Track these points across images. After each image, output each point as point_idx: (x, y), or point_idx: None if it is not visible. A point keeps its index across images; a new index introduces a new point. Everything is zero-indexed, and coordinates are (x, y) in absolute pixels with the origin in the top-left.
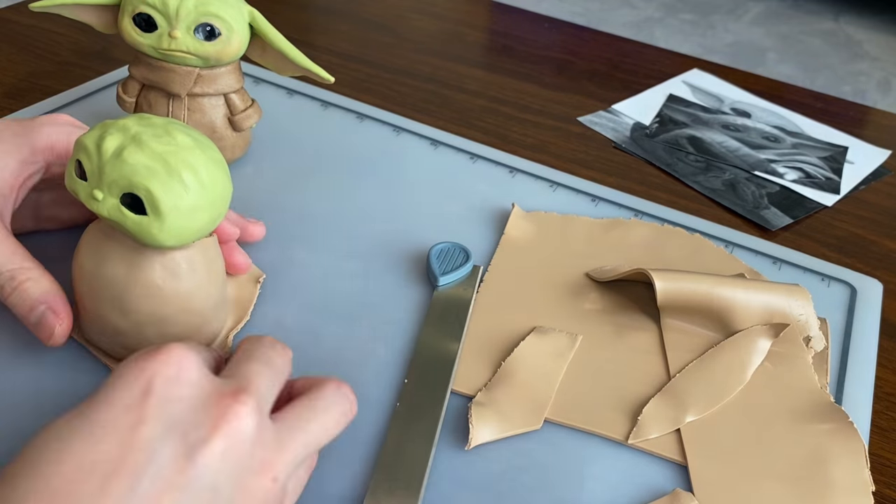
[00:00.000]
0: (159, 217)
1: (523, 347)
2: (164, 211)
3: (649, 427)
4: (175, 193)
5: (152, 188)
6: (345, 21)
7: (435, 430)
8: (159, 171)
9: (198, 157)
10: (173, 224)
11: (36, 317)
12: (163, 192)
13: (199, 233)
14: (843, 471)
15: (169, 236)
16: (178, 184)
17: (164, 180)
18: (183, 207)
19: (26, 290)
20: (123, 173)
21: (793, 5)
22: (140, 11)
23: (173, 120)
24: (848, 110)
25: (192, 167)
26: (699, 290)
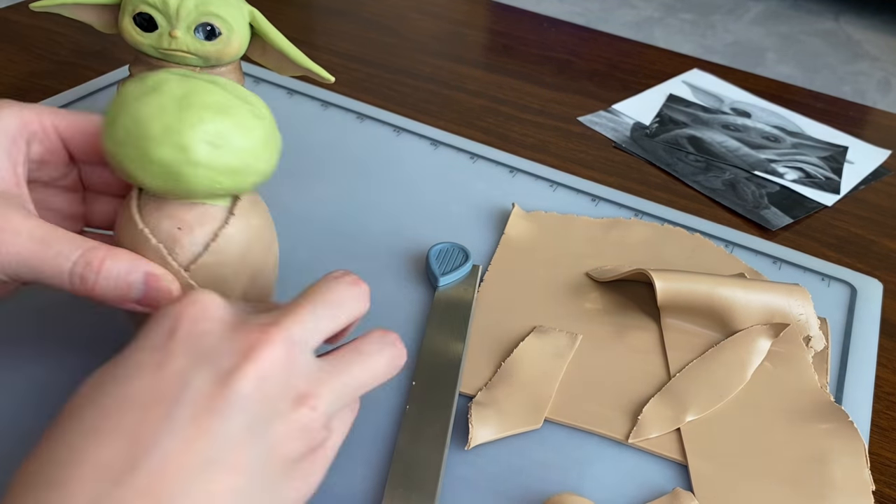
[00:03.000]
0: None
1: (523, 347)
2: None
3: (649, 426)
4: (240, 18)
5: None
6: (345, 21)
7: (446, 433)
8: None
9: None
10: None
11: (139, 290)
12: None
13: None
14: (843, 470)
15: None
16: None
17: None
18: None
19: (111, 269)
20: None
21: (793, 5)
22: (140, 11)
23: None
24: (848, 110)
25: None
26: (699, 290)
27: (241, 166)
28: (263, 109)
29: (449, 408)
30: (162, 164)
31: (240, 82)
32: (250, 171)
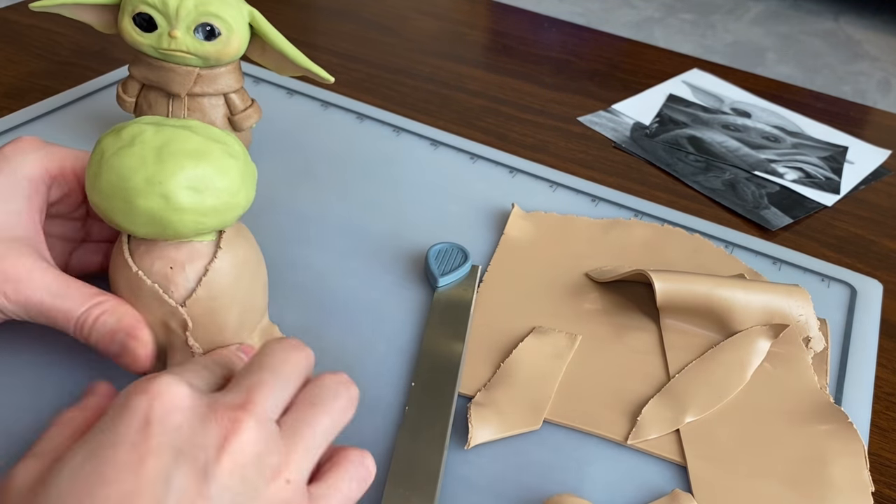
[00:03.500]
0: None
1: (523, 348)
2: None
3: (648, 427)
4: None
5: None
6: (345, 21)
7: (445, 434)
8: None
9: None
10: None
11: (117, 346)
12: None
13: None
14: (843, 471)
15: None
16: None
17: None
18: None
19: (104, 324)
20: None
21: (793, 5)
22: (140, 11)
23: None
24: (848, 110)
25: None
26: (699, 291)
27: (222, 205)
28: (236, 146)
29: (448, 408)
30: (148, 214)
31: (239, 82)
32: (231, 207)
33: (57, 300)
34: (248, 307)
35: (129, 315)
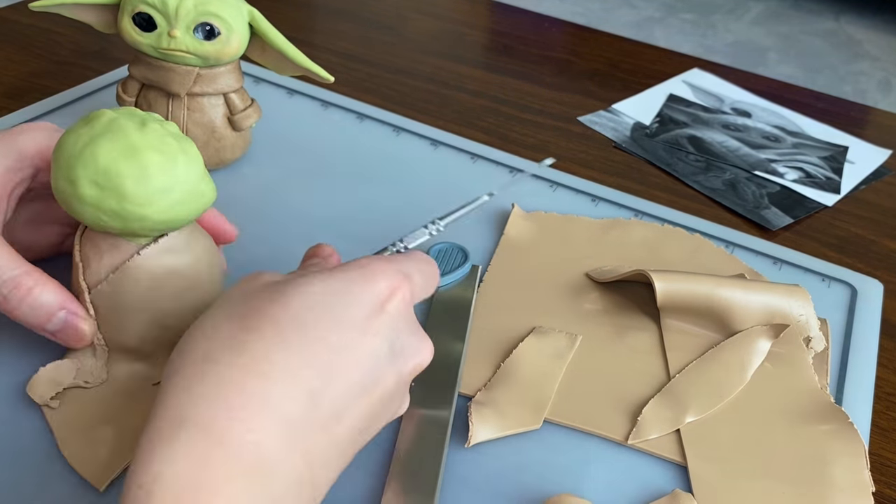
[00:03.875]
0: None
1: (523, 348)
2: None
3: (649, 427)
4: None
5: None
6: (345, 21)
7: (445, 434)
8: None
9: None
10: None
11: (57, 323)
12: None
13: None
14: (843, 471)
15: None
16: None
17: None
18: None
19: (37, 298)
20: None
21: (793, 5)
22: (139, 11)
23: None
24: (848, 110)
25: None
26: (699, 291)
27: (123, 211)
28: (175, 160)
29: (448, 408)
30: (59, 193)
31: (239, 82)
32: (134, 216)
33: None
34: (162, 324)
35: (64, 292)
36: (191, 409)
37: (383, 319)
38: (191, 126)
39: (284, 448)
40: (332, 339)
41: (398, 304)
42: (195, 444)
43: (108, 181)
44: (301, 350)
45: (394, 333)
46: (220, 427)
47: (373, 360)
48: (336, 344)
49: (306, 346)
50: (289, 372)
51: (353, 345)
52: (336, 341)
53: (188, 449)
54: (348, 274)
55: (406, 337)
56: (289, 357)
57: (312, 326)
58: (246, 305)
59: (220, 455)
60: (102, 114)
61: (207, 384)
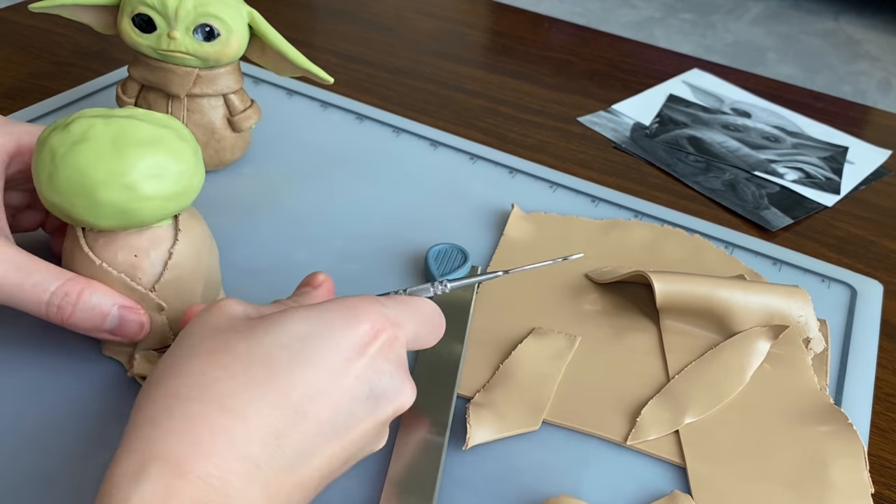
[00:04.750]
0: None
1: (522, 349)
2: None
3: (648, 428)
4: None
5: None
6: (345, 21)
7: (444, 436)
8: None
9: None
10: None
11: (112, 321)
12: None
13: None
14: (842, 473)
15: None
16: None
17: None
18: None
19: (87, 301)
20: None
21: (793, 5)
22: (139, 12)
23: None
24: (848, 110)
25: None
26: (698, 292)
27: (182, 189)
28: (184, 130)
29: (447, 409)
30: (113, 206)
31: (239, 83)
32: (190, 189)
33: (22, 275)
34: (209, 283)
35: (113, 291)
36: (160, 444)
37: (364, 363)
38: (190, 127)
39: (248, 486)
40: (305, 381)
41: (381, 347)
42: (163, 479)
43: (162, 169)
44: (270, 390)
45: (375, 376)
46: (187, 463)
47: (348, 403)
48: (308, 385)
49: (275, 387)
50: (255, 412)
51: (328, 387)
52: (308, 383)
53: (156, 486)
54: (329, 314)
55: (388, 380)
56: (256, 397)
57: (285, 366)
58: (217, 340)
59: (186, 490)
60: (90, 123)
61: (176, 419)
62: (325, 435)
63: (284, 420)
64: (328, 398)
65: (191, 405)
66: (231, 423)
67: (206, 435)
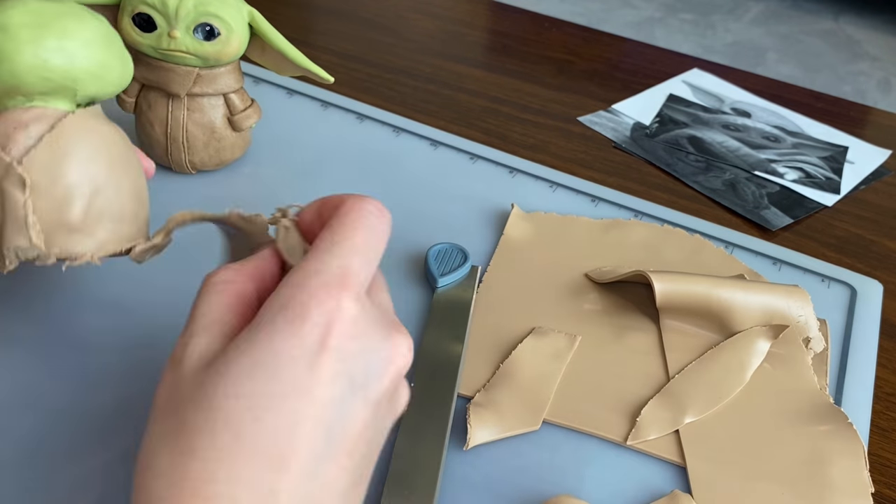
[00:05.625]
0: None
1: (522, 348)
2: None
3: (648, 428)
4: (239, 18)
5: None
6: (345, 21)
7: (444, 435)
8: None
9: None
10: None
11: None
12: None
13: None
14: (842, 472)
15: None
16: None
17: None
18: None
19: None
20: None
21: (793, 5)
22: (139, 11)
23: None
24: (848, 110)
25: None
26: (698, 292)
27: (68, 63)
28: (104, 25)
29: (447, 409)
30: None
31: (239, 82)
32: (85, 72)
33: None
34: (105, 203)
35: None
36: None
37: (328, 358)
38: (191, 126)
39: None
40: (277, 421)
41: (343, 329)
42: None
43: (51, 22)
44: (241, 452)
45: (349, 364)
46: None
47: (333, 408)
48: (281, 425)
49: (246, 445)
50: (237, 483)
51: (304, 412)
52: (281, 421)
53: None
54: (267, 329)
55: (368, 356)
56: (232, 468)
57: (248, 420)
58: (175, 419)
59: None
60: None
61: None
62: (324, 455)
63: (269, 473)
64: (308, 419)
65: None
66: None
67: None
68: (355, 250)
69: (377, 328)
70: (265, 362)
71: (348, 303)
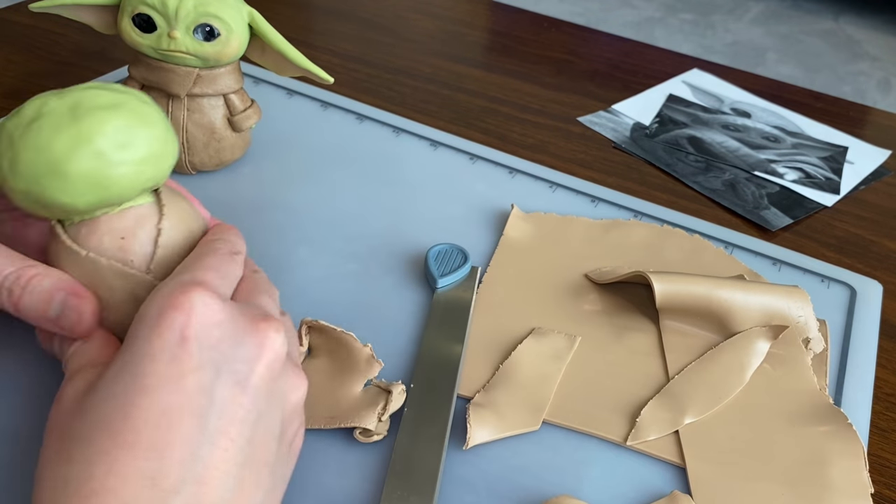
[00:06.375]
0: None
1: (522, 349)
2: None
3: (648, 429)
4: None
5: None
6: (345, 21)
7: (444, 436)
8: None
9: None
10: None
11: (56, 307)
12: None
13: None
14: (842, 473)
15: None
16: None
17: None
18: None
19: (39, 285)
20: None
21: (793, 5)
22: (139, 12)
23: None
24: (848, 110)
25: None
26: (698, 292)
27: (155, 153)
28: (146, 97)
29: (447, 409)
30: (86, 178)
31: (239, 83)
32: (164, 155)
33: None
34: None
35: (66, 277)
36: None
37: (189, 347)
38: (191, 127)
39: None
40: (143, 412)
41: (202, 318)
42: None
43: (129, 134)
44: (115, 449)
45: (215, 349)
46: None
47: (203, 395)
48: (148, 414)
49: (119, 441)
50: (115, 477)
51: (168, 399)
52: (150, 411)
53: None
54: (128, 343)
55: (234, 341)
56: (109, 464)
57: (118, 416)
58: (57, 439)
59: None
60: (41, 101)
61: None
62: (204, 440)
63: (149, 461)
64: (178, 411)
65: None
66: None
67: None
68: (206, 267)
69: (242, 319)
70: (130, 366)
71: (205, 296)
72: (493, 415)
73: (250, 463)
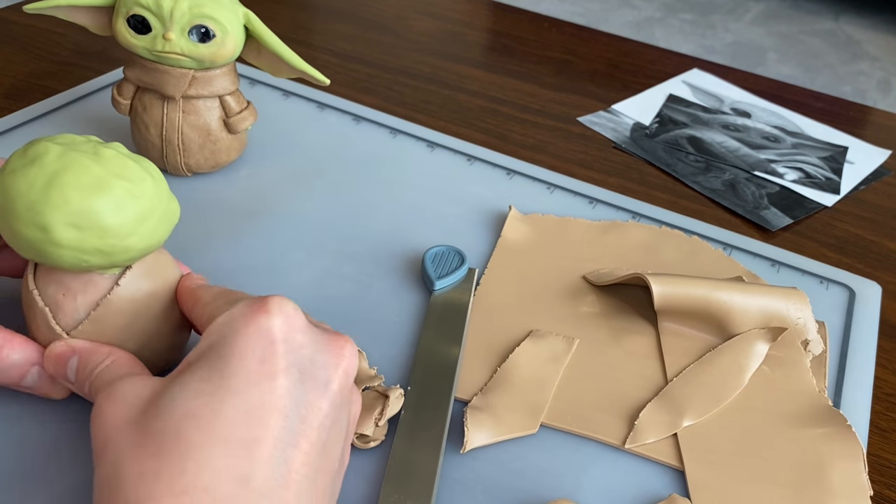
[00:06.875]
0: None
1: (520, 351)
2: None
3: (646, 431)
4: (234, 20)
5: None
6: (344, 21)
7: (441, 439)
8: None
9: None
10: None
11: (32, 379)
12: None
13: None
14: (841, 475)
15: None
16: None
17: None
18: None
19: (5, 360)
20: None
21: (793, 5)
22: (134, 13)
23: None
24: (848, 110)
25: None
26: (696, 294)
27: (107, 247)
28: (144, 185)
29: (445, 412)
30: (27, 241)
31: (235, 84)
32: (120, 250)
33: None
34: (144, 348)
35: (32, 346)
36: None
37: (277, 350)
38: (186, 129)
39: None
40: (233, 410)
41: (289, 322)
42: None
43: (87, 220)
44: (206, 443)
45: (300, 352)
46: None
47: (289, 397)
48: (238, 412)
49: (210, 437)
50: (208, 472)
51: (258, 398)
52: (237, 409)
53: None
54: (215, 346)
55: (315, 347)
56: (200, 459)
57: (207, 412)
58: (137, 431)
59: None
60: (47, 148)
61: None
62: (289, 441)
63: (241, 458)
64: (268, 410)
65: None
66: (192, 499)
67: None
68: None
69: (319, 329)
70: (218, 366)
71: (289, 304)
72: (490, 418)
73: (322, 469)
